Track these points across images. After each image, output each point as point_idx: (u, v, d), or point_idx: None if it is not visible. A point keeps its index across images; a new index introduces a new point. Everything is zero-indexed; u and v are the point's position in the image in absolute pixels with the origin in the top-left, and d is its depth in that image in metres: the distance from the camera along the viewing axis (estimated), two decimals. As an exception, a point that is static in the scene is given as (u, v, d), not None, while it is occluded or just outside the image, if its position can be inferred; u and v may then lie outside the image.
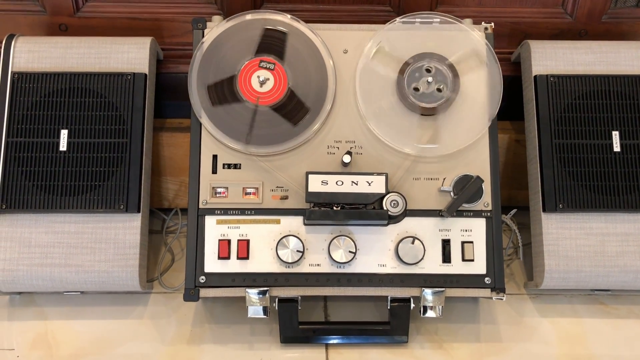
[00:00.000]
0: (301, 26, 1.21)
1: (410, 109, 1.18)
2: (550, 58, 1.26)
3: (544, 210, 1.21)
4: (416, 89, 1.18)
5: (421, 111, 1.18)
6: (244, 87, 1.17)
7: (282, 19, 1.21)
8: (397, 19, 1.22)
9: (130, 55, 1.24)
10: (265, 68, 1.17)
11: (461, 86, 1.19)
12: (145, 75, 1.23)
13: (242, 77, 1.18)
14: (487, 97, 1.20)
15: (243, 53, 1.19)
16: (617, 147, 1.22)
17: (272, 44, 1.19)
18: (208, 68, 1.18)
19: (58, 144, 1.19)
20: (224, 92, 1.17)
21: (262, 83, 1.18)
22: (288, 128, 1.17)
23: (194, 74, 1.18)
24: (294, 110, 1.18)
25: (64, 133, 1.19)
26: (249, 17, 1.21)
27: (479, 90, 1.20)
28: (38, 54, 1.23)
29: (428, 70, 1.19)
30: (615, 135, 1.22)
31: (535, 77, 1.25)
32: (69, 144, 1.19)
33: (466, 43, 1.21)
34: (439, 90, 1.18)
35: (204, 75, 1.18)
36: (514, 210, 1.29)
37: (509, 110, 1.33)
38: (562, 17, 1.36)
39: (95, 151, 1.19)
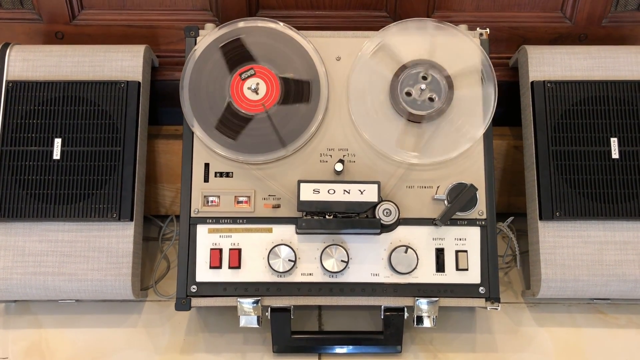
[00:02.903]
0: (293, 34, 1.20)
1: (402, 115, 1.17)
2: (548, 63, 1.24)
3: (540, 218, 1.19)
4: (408, 94, 1.17)
5: (412, 117, 1.16)
6: (244, 104, 1.17)
7: (274, 27, 1.20)
8: (393, 25, 1.21)
9: (124, 63, 1.24)
10: (249, 77, 1.17)
11: (455, 95, 1.17)
12: (139, 83, 1.23)
13: (236, 98, 1.17)
14: (481, 105, 1.18)
15: (221, 78, 1.18)
16: (615, 154, 1.20)
17: (237, 54, 1.19)
18: (200, 78, 1.18)
19: (52, 152, 1.19)
20: (232, 121, 1.16)
21: (255, 91, 1.17)
22: (305, 109, 1.17)
23: (186, 83, 1.18)
24: (298, 91, 1.17)
25: (58, 141, 1.20)
26: (241, 24, 1.20)
27: (473, 98, 1.18)
28: (32, 62, 1.24)
29: (424, 78, 1.18)
30: (614, 141, 1.20)
31: (532, 82, 1.23)
32: (62, 152, 1.19)
33: (469, 57, 1.20)
34: (430, 99, 1.17)
35: (195, 84, 1.18)
36: (511, 218, 1.27)
37: (508, 116, 1.32)
38: (562, 22, 1.33)
39: (88, 159, 1.19)
